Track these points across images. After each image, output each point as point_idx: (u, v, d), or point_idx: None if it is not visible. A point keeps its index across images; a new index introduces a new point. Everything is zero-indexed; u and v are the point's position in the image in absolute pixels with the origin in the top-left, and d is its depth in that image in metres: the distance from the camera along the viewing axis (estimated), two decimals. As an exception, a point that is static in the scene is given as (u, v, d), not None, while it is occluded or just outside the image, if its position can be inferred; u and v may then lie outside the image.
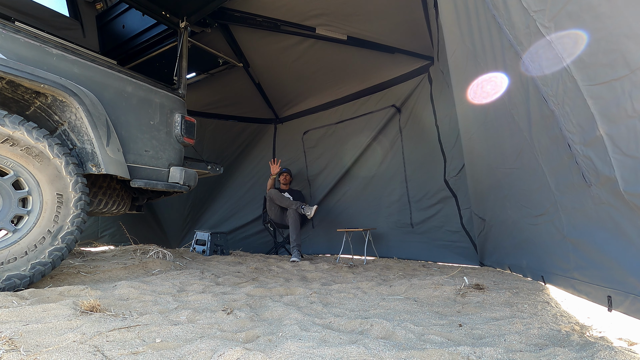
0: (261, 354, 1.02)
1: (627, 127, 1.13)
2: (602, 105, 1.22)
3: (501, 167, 2.34)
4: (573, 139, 1.42)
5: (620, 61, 1.11)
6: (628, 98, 1.10)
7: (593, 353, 1.02)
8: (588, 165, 1.37)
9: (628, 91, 1.10)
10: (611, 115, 1.19)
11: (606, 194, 1.31)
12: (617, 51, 1.11)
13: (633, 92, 1.09)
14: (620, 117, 1.15)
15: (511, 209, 2.34)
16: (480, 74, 2.12)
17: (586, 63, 1.24)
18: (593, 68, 1.22)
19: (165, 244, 5.12)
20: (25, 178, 1.83)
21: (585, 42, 1.21)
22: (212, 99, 5.14)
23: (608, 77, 1.16)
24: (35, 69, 1.91)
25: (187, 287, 2.11)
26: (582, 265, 1.59)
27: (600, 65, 1.19)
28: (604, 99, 1.21)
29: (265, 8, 3.66)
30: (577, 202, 1.55)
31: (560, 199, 1.69)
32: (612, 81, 1.15)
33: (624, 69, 1.10)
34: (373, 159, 4.59)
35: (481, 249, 3.37)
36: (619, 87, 1.13)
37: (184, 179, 2.69)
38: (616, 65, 1.12)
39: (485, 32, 1.89)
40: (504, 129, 2.13)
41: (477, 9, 1.89)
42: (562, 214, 1.70)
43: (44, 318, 1.32)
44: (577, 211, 1.57)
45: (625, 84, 1.10)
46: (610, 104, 1.19)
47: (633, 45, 1.06)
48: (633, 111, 1.10)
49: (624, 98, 1.12)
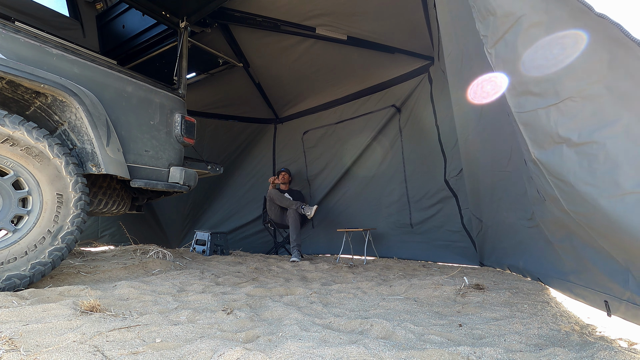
0: (261, 354, 1.02)
1: (555, 152, 1.17)
2: (531, 132, 1.27)
3: (495, 170, 2.34)
4: (526, 155, 1.45)
5: (550, 91, 1.14)
6: (554, 125, 1.14)
7: (593, 353, 1.02)
8: (538, 182, 1.41)
9: (554, 119, 1.14)
10: (539, 141, 1.24)
11: (557, 210, 1.34)
12: (549, 81, 1.14)
13: (559, 119, 1.12)
14: (548, 143, 1.20)
15: (507, 210, 2.34)
16: (474, 77, 2.12)
17: (518, 91, 1.28)
18: (524, 96, 1.26)
19: (165, 244, 5.12)
20: (25, 178, 1.83)
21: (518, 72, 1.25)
22: (212, 99, 5.14)
23: (536, 106, 1.20)
24: (35, 69, 1.91)
25: (187, 287, 2.11)
26: (577, 269, 1.57)
27: (531, 94, 1.22)
28: (532, 126, 1.25)
29: (265, 8, 3.66)
30: (542, 213, 1.57)
31: (534, 208, 1.71)
32: (538, 109, 1.19)
33: (553, 98, 1.14)
34: (373, 159, 4.59)
35: (480, 249, 3.37)
36: (544, 115, 1.17)
37: (184, 179, 2.69)
38: (546, 94, 1.16)
39: (471, 38, 1.90)
40: (496, 132, 2.14)
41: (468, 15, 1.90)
42: (540, 222, 1.71)
43: (44, 318, 1.32)
44: (547, 221, 1.59)
45: (551, 112, 1.14)
46: (537, 131, 1.23)
47: (567, 77, 1.10)
48: (559, 138, 1.14)
49: (549, 125, 1.16)
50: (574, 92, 1.08)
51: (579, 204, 1.15)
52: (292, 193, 4.69)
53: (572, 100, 1.09)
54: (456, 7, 2.06)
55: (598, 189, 1.05)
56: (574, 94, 1.08)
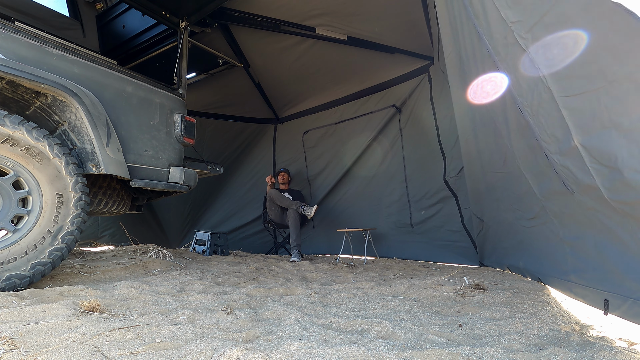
0: (261, 354, 1.02)
1: (603, 137, 1.14)
2: (577, 116, 1.23)
3: (493, 171, 2.35)
4: (549, 148, 1.42)
5: (596, 73, 1.11)
6: (604, 109, 1.11)
7: (593, 353, 1.02)
8: (567, 174, 1.37)
9: (604, 102, 1.10)
10: (586, 126, 1.20)
11: (591, 200, 1.31)
12: (595, 63, 1.11)
13: (609, 103, 1.09)
14: (595, 128, 1.16)
15: (505, 211, 2.34)
16: (468, 79, 2.12)
17: (563, 75, 1.24)
18: (569, 80, 1.22)
19: (165, 244, 5.12)
20: (25, 178, 1.83)
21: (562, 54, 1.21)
22: (212, 99, 5.14)
23: (584, 89, 1.17)
24: (35, 69, 1.91)
25: (187, 287, 2.11)
26: (580, 267, 1.57)
27: (577, 77, 1.19)
28: (579, 110, 1.21)
29: (265, 8, 3.66)
30: (564, 207, 1.54)
31: (547, 204, 1.68)
32: (587, 92, 1.15)
33: (600, 80, 1.10)
34: (373, 159, 4.59)
35: (480, 249, 3.37)
36: (595, 98, 1.13)
37: (184, 179, 2.69)
38: (593, 77, 1.13)
39: (468, 39, 1.90)
40: (490, 135, 2.14)
41: (461, 16, 1.90)
42: (553, 218, 1.69)
43: (44, 318, 1.32)
44: (566, 215, 1.56)
45: (601, 95, 1.11)
46: (585, 115, 1.19)
47: (610, 58, 1.06)
48: (609, 122, 1.10)
49: (599, 109, 1.12)
50: (618, 74, 1.04)
51: (623, 192, 1.11)
52: (291, 193, 4.69)
53: (618, 83, 1.04)
54: (456, 7, 2.06)
55: None
56: (618, 75, 1.04)
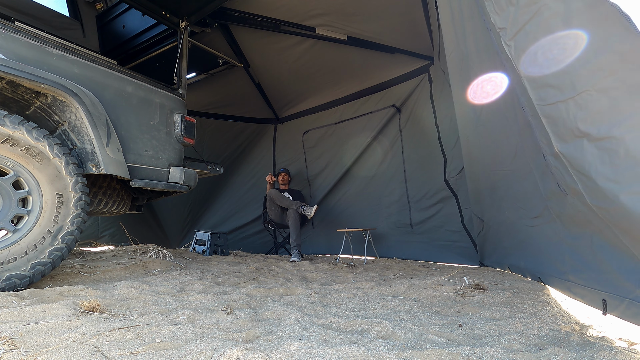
0: (261, 354, 1.02)
1: (576, 146, 1.15)
2: (553, 125, 1.25)
3: (497, 169, 2.34)
4: (545, 149, 1.43)
5: (567, 83, 1.13)
6: (573, 119, 1.13)
7: (593, 353, 1.02)
8: (559, 176, 1.39)
9: (573, 113, 1.12)
10: (561, 134, 1.22)
11: (580, 204, 1.32)
12: (567, 74, 1.13)
13: (578, 113, 1.11)
14: (569, 137, 1.18)
15: (508, 210, 2.34)
16: (473, 77, 2.12)
17: (539, 83, 1.27)
18: (544, 89, 1.25)
19: (165, 244, 5.12)
20: (25, 178, 1.83)
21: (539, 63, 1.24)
22: (212, 99, 5.14)
23: (556, 99, 1.19)
24: (35, 69, 1.91)
25: (187, 287, 2.11)
26: (578, 268, 1.58)
27: (550, 87, 1.21)
28: (553, 119, 1.24)
29: (265, 8, 3.66)
30: (562, 207, 1.56)
31: (549, 203, 1.69)
32: (559, 102, 1.18)
33: (570, 90, 1.12)
34: (373, 159, 4.59)
35: (481, 249, 3.37)
36: (564, 108, 1.15)
37: (184, 179, 2.69)
38: (564, 87, 1.14)
39: (480, 36, 1.89)
40: (498, 131, 2.13)
41: (471, 13, 1.90)
42: (556, 217, 1.70)
43: (44, 318, 1.32)
44: (566, 215, 1.58)
45: (570, 105, 1.13)
46: (559, 124, 1.21)
47: (582, 69, 1.08)
48: (579, 131, 1.12)
49: (569, 119, 1.15)
50: (589, 86, 1.06)
51: (601, 199, 1.13)
52: (291, 193, 4.69)
53: (587, 94, 1.07)
54: (458, 7, 2.06)
55: (619, 185, 1.03)
56: (589, 87, 1.06)
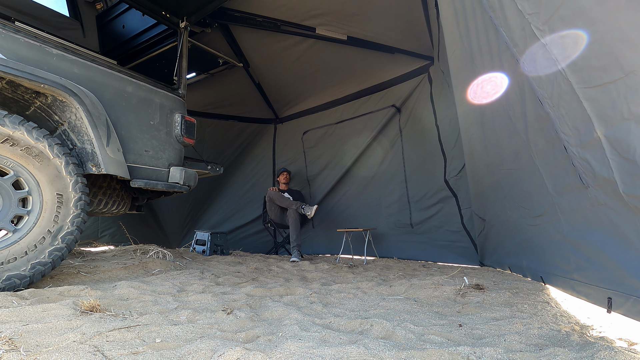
0: (261, 354, 1.02)
1: (623, 129, 1.13)
2: (598, 108, 1.22)
3: (500, 168, 2.34)
4: (569, 141, 1.42)
5: (613, 64, 1.11)
6: (623, 100, 1.10)
7: (593, 353, 1.02)
8: (585, 167, 1.37)
9: (623, 94, 1.10)
10: (607, 117, 1.19)
11: (604, 195, 1.31)
12: (611, 55, 1.11)
13: (628, 94, 1.08)
14: (616, 120, 1.15)
15: (510, 209, 2.34)
16: (478, 75, 2.12)
17: (580, 66, 1.24)
18: (587, 71, 1.22)
19: (165, 244, 5.12)
20: (25, 178, 1.83)
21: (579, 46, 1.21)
22: (212, 99, 5.14)
23: (602, 80, 1.16)
24: (35, 69, 1.91)
25: (187, 287, 2.11)
26: (582, 266, 1.58)
27: (594, 69, 1.19)
28: (599, 102, 1.21)
29: (265, 8, 3.66)
30: (574, 203, 1.55)
31: (558, 200, 1.68)
32: (606, 84, 1.15)
33: (617, 72, 1.10)
34: (373, 159, 4.59)
35: (481, 249, 3.37)
36: (614, 89, 1.13)
37: (184, 179, 2.69)
38: (610, 68, 1.12)
39: (482, 34, 1.89)
40: (501, 130, 2.13)
41: (474, 10, 1.89)
42: (560, 215, 1.70)
43: (44, 318, 1.32)
44: (576, 212, 1.57)
45: (619, 86, 1.11)
46: (606, 107, 1.19)
47: (626, 49, 1.06)
48: (629, 113, 1.10)
49: (619, 100, 1.12)
50: (635, 65, 1.04)
51: (639, 185, 1.12)
52: (291, 193, 4.70)
53: (635, 74, 1.04)
54: (461, 5, 2.05)
55: None
56: (635, 67, 1.04)
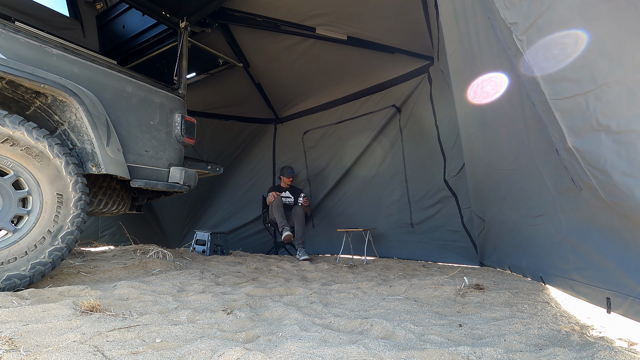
0: (261, 354, 1.02)
1: (592, 140, 1.14)
2: (567, 119, 1.24)
3: (500, 168, 2.34)
4: (558, 145, 1.43)
5: (586, 77, 1.12)
6: (592, 112, 1.11)
7: (593, 353, 1.02)
8: (573, 172, 1.38)
9: (592, 106, 1.11)
10: (577, 129, 1.21)
11: (595, 199, 1.32)
12: (586, 67, 1.11)
13: (597, 106, 1.10)
14: (585, 131, 1.17)
15: (510, 209, 2.34)
16: (478, 75, 2.12)
17: (554, 77, 1.25)
18: (560, 83, 1.23)
19: (165, 244, 5.12)
20: (25, 178, 1.83)
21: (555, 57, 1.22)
22: (212, 99, 5.14)
23: (573, 92, 1.17)
24: (35, 69, 1.91)
25: (187, 287, 2.11)
26: (581, 266, 1.58)
27: (567, 80, 1.20)
28: (569, 113, 1.22)
29: (265, 8, 3.66)
30: (573, 204, 1.55)
31: (559, 200, 1.68)
32: (577, 96, 1.16)
33: (589, 84, 1.11)
34: (373, 159, 4.59)
35: (481, 249, 3.37)
36: (584, 101, 1.14)
37: (184, 179, 2.69)
38: (583, 80, 1.13)
39: (482, 34, 1.89)
40: (501, 130, 2.13)
41: (474, 11, 1.89)
42: (561, 215, 1.70)
43: (44, 318, 1.32)
44: (575, 212, 1.57)
45: (589, 98, 1.12)
46: (575, 118, 1.20)
47: (603, 61, 1.07)
48: (598, 125, 1.11)
49: (588, 112, 1.13)
50: (609, 78, 1.05)
51: (616, 194, 1.13)
52: (293, 191, 4.63)
53: (608, 86, 1.05)
54: (461, 4, 2.05)
55: (635, 180, 1.03)
56: (609, 79, 1.05)
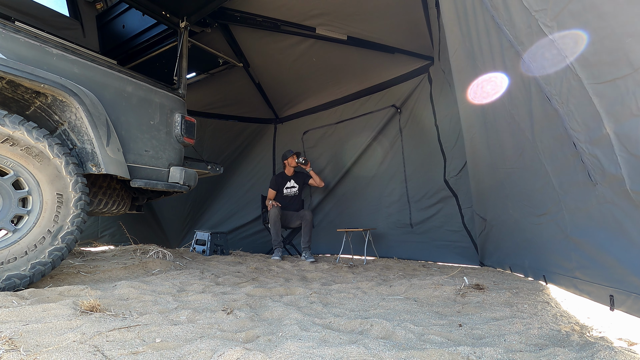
0: (261, 354, 1.02)
1: (632, 125, 1.13)
2: (607, 104, 1.21)
3: (502, 167, 2.34)
4: (578, 137, 1.42)
5: (623, 60, 1.10)
6: (632, 96, 1.10)
7: (593, 353, 1.02)
8: (594, 164, 1.37)
9: (632, 90, 1.09)
10: (616, 113, 1.19)
11: (611, 192, 1.31)
12: (620, 50, 1.10)
13: (637, 90, 1.08)
14: (625, 116, 1.15)
15: (512, 208, 2.34)
16: (480, 74, 2.12)
17: (590, 61, 1.23)
18: (597, 66, 1.21)
19: (165, 244, 5.12)
20: (25, 178, 1.83)
21: (588, 41, 1.20)
22: (212, 99, 5.14)
23: (612, 76, 1.15)
24: (35, 68, 1.91)
25: (187, 287, 2.11)
26: (585, 264, 1.59)
27: (604, 64, 1.18)
28: (609, 97, 1.20)
29: (265, 8, 3.66)
30: (580, 201, 1.55)
31: (564, 198, 1.68)
32: (616, 80, 1.14)
33: (627, 67, 1.09)
34: (373, 159, 4.59)
35: (482, 249, 3.37)
36: (623, 85, 1.12)
37: (184, 179, 2.69)
38: (619, 63, 1.11)
39: (483, 33, 1.89)
40: (504, 129, 2.13)
41: (475, 10, 1.89)
42: (565, 213, 1.70)
43: (44, 318, 1.32)
44: (581, 210, 1.57)
45: (628, 82, 1.10)
46: (615, 102, 1.18)
47: (636, 44, 1.05)
48: (637, 109, 1.09)
49: (628, 96, 1.11)
50: None
51: None
52: (298, 177, 4.42)
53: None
54: (462, 4, 2.05)
55: None
56: None
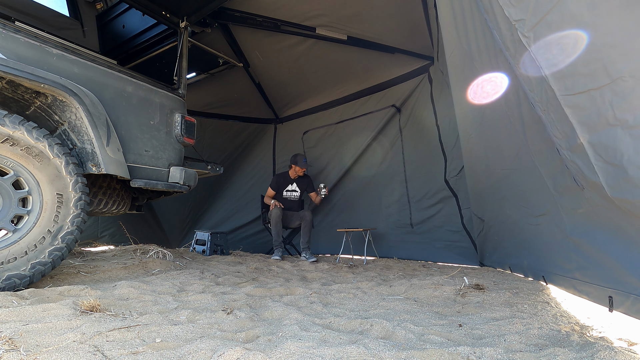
0: (261, 354, 1.02)
1: (609, 135, 1.14)
2: (581, 114, 1.22)
3: (499, 168, 2.34)
4: (560, 144, 1.42)
5: (600, 71, 1.11)
6: (609, 107, 1.11)
7: (593, 353, 1.02)
8: (576, 170, 1.37)
9: (608, 100, 1.10)
10: (591, 123, 1.20)
11: (598, 197, 1.32)
12: (599, 60, 1.10)
13: (614, 100, 1.09)
14: (601, 125, 1.16)
15: (510, 209, 2.34)
16: (477, 75, 2.12)
17: (564, 73, 1.24)
18: (571, 78, 1.22)
19: (165, 244, 5.12)
20: (25, 178, 1.83)
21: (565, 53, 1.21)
22: (212, 99, 5.14)
23: (587, 87, 1.16)
24: (36, 68, 1.91)
25: (187, 287, 2.11)
26: (584, 265, 1.59)
27: (580, 76, 1.19)
28: (582, 108, 1.21)
29: (265, 8, 3.66)
30: (575, 203, 1.55)
31: (560, 199, 1.69)
32: (590, 90, 1.15)
33: (604, 78, 1.10)
34: (373, 159, 4.59)
35: (481, 249, 3.37)
36: (599, 96, 1.13)
37: (184, 179, 2.69)
38: (596, 74, 1.12)
39: (480, 34, 1.89)
40: (501, 130, 2.13)
41: (472, 11, 1.89)
42: (563, 214, 1.70)
43: (44, 318, 1.32)
44: (577, 211, 1.57)
45: (605, 93, 1.11)
46: (590, 113, 1.19)
47: (615, 55, 1.06)
48: (614, 119, 1.10)
49: (604, 107, 1.12)
50: (623, 72, 1.04)
51: (627, 190, 1.12)
52: (301, 181, 4.37)
53: (623, 80, 1.05)
54: (459, 5, 2.05)
55: None
56: (623, 73, 1.04)
